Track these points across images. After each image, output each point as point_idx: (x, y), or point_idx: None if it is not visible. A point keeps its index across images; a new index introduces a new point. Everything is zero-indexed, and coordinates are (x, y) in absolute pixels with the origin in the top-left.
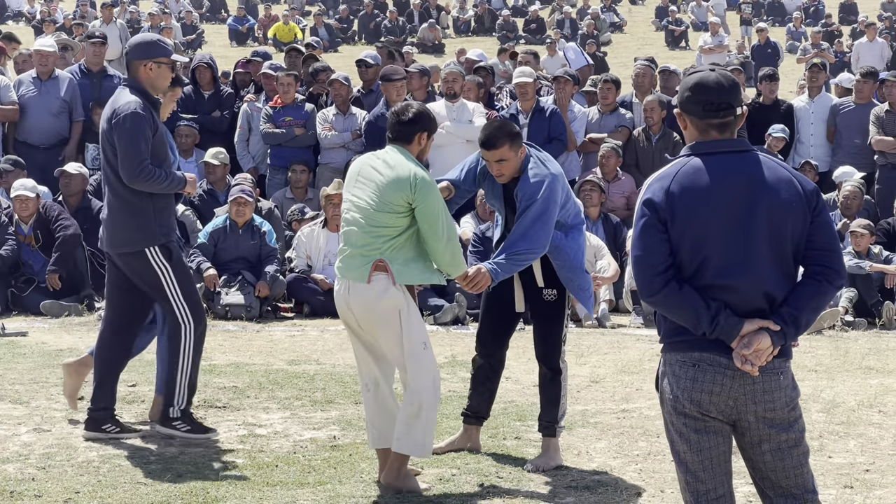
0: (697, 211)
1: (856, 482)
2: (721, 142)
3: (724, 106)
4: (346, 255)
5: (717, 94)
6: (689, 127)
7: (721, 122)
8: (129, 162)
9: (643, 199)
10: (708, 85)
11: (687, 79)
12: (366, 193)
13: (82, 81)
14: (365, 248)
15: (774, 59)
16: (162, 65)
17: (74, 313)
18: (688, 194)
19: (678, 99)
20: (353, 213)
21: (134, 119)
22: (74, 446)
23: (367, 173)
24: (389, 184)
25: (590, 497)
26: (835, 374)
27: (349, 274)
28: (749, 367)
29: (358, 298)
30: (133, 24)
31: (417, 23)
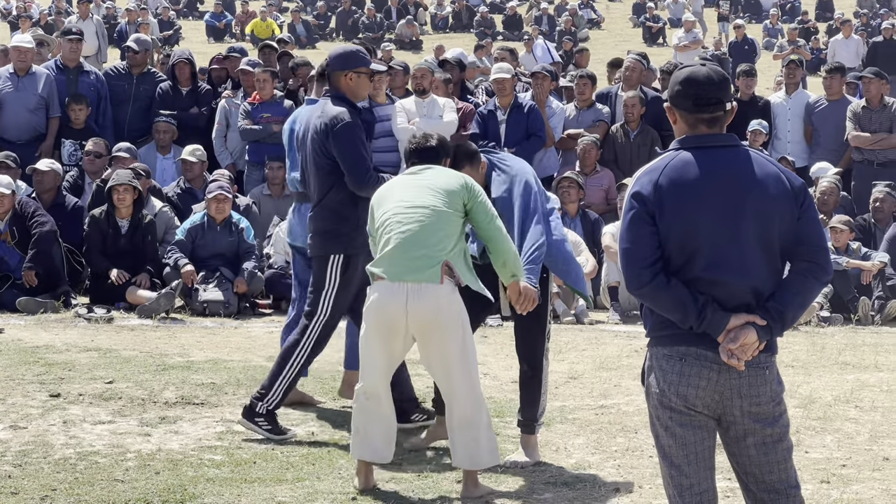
0: (686, 204)
1: (833, 477)
2: (710, 136)
3: (713, 101)
4: (404, 257)
5: (707, 89)
6: (679, 121)
7: (711, 117)
8: (357, 171)
9: (632, 192)
10: (698, 80)
11: (677, 73)
12: (425, 195)
13: (58, 77)
14: (433, 248)
15: (751, 55)
16: (362, 75)
17: (51, 310)
18: (676, 188)
19: (668, 93)
20: (414, 214)
21: (353, 129)
22: (51, 443)
23: (411, 182)
24: (447, 185)
25: (568, 493)
26: (811, 369)
27: (413, 276)
28: (735, 362)
29: (428, 302)
30: (109, 20)
31: (395, 19)
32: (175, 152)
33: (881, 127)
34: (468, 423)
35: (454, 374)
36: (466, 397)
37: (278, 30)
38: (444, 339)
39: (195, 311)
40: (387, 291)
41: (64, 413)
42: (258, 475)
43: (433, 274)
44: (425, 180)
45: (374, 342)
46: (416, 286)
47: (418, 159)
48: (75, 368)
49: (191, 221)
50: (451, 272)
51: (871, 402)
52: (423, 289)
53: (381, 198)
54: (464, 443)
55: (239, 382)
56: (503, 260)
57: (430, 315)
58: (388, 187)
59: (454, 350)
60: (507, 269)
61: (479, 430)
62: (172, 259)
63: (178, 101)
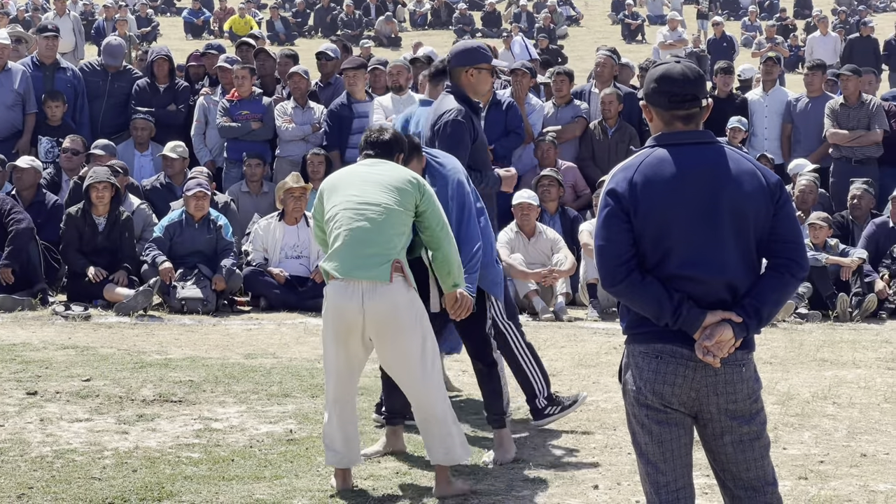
0: (661, 201)
1: (810, 473)
2: (686, 133)
3: (689, 98)
4: (355, 254)
5: (683, 86)
6: (655, 118)
7: (686, 114)
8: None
9: (607, 189)
10: (673, 77)
11: (652, 71)
12: (377, 192)
13: (35, 74)
14: (384, 245)
15: (730, 52)
16: (482, 70)
17: (28, 307)
18: (651, 185)
19: (643, 91)
20: (367, 211)
21: (455, 126)
22: (28, 441)
23: (364, 176)
24: (400, 183)
25: (547, 489)
26: (789, 366)
27: (366, 273)
28: (711, 359)
29: (384, 301)
30: (87, 17)
31: (374, 16)
32: (153, 149)
33: (859, 124)
34: (439, 421)
35: (416, 375)
36: (433, 396)
37: (256, 26)
38: (404, 338)
39: (173, 309)
40: (341, 291)
41: (41, 411)
42: (236, 473)
43: (384, 272)
44: (378, 176)
45: (332, 345)
46: (371, 285)
47: (372, 151)
48: (52, 366)
49: (169, 219)
50: (401, 270)
51: (849, 398)
52: (377, 288)
53: (332, 186)
54: (440, 438)
55: (217, 380)
56: (448, 269)
57: (388, 315)
58: (340, 176)
59: (415, 350)
60: (450, 279)
61: (448, 426)
62: (150, 256)
63: (156, 98)
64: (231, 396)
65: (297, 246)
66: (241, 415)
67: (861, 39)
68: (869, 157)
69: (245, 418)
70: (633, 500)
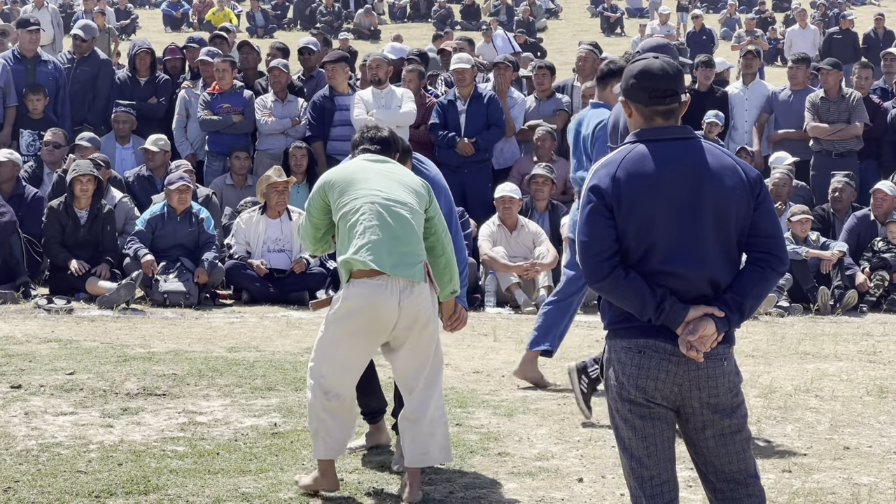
0: (643, 197)
1: (794, 466)
2: (666, 129)
3: (669, 93)
4: (396, 252)
5: (663, 82)
6: (634, 114)
7: (666, 109)
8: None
9: (589, 186)
10: (653, 72)
11: (631, 66)
12: (400, 190)
13: (16, 67)
14: (416, 245)
15: (709, 45)
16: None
17: (10, 301)
18: (634, 181)
19: (622, 86)
20: (396, 209)
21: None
22: (12, 435)
23: (382, 172)
24: (414, 185)
25: (531, 483)
26: (771, 359)
27: (406, 272)
28: (694, 354)
29: (418, 300)
30: (66, 9)
31: (353, 9)
32: (134, 142)
33: (839, 118)
34: (428, 419)
35: (426, 373)
36: (434, 397)
37: (235, 19)
38: (426, 337)
39: (156, 302)
40: (380, 289)
41: (25, 404)
42: (221, 466)
43: (419, 271)
44: (395, 174)
45: (351, 340)
46: (408, 283)
47: (372, 147)
48: (36, 359)
49: (151, 212)
50: (428, 271)
51: (831, 391)
52: (413, 287)
53: (344, 181)
54: (418, 437)
55: (200, 373)
56: (450, 275)
57: (420, 313)
58: (351, 171)
59: (431, 349)
60: (451, 285)
61: (435, 426)
62: (132, 249)
63: (137, 92)
64: (215, 390)
65: (279, 239)
66: (226, 408)
67: (840, 33)
68: (849, 151)
69: (229, 412)
70: (617, 493)
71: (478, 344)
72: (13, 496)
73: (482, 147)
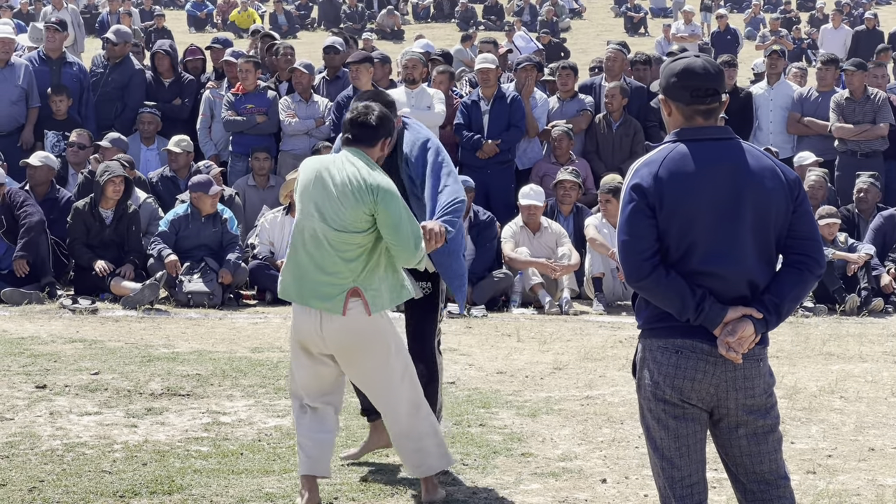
0: (685, 197)
1: (818, 468)
2: (706, 128)
3: (711, 92)
4: (310, 280)
5: (705, 80)
6: (675, 113)
7: (707, 109)
8: None
9: (631, 184)
10: (696, 71)
11: (672, 65)
12: (336, 210)
13: (41, 68)
14: (337, 274)
15: (734, 45)
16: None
17: (35, 301)
18: (676, 180)
19: (662, 84)
20: (323, 233)
21: None
22: (38, 435)
23: (328, 184)
24: (350, 199)
25: (555, 483)
26: (796, 360)
27: (320, 304)
28: (733, 355)
29: (340, 329)
30: (91, 10)
31: (377, 9)
32: (159, 143)
33: (864, 118)
34: (406, 436)
35: (380, 393)
36: (400, 412)
37: (259, 19)
38: (365, 360)
39: (179, 303)
40: (300, 312)
41: (50, 404)
42: (245, 466)
43: (337, 304)
44: (341, 186)
45: (297, 355)
46: (325, 315)
47: (352, 136)
48: (61, 360)
49: (174, 213)
50: (360, 295)
51: (856, 392)
52: (328, 318)
53: (303, 185)
54: (410, 453)
55: (224, 374)
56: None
57: (347, 341)
58: (309, 178)
59: (378, 369)
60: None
61: (420, 440)
62: (156, 250)
63: (161, 93)
64: (239, 390)
65: None
66: (249, 408)
67: (867, 32)
68: (874, 151)
69: (253, 412)
70: (640, 493)
71: (501, 344)
72: (38, 496)
73: (502, 148)
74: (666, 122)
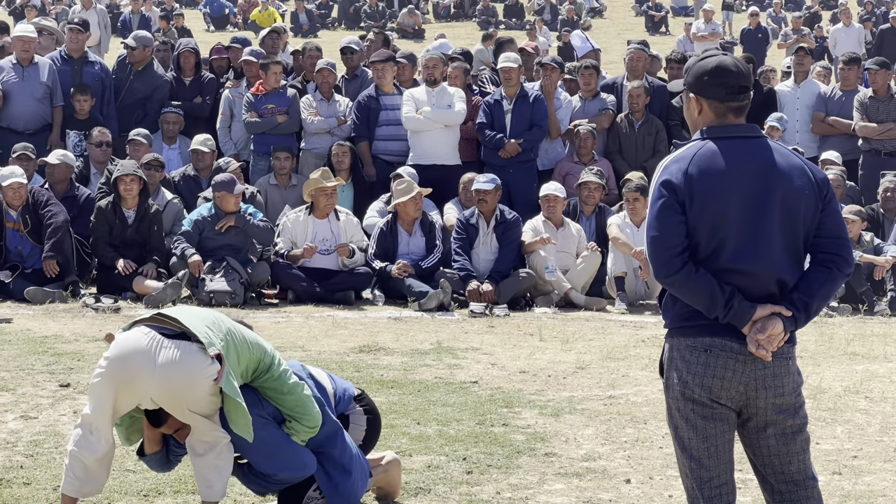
0: (716, 194)
1: (844, 468)
2: (736, 126)
3: (743, 89)
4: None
5: (738, 78)
6: (706, 110)
7: (739, 106)
8: None
9: (661, 181)
10: (728, 68)
11: (702, 63)
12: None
13: (63, 68)
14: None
15: (764, 44)
16: None
17: (59, 300)
18: (706, 177)
19: (693, 82)
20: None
21: None
22: (62, 433)
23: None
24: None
25: (579, 483)
26: (820, 359)
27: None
28: (763, 353)
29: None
30: (112, 10)
31: (397, 8)
32: (181, 142)
33: (889, 117)
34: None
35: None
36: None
37: (280, 18)
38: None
39: (202, 301)
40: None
41: (74, 403)
42: None
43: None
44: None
45: None
46: None
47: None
48: (84, 358)
49: (198, 213)
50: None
51: (881, 392)
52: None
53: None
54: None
55: None
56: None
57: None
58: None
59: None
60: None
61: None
62: (179, 249)
63: (182, 92)
64: None
65: (326, 240)
66: None
67: (891, 31)
68: None
69: None
70: (665, 494)
71: (524, 344)
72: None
73: (525, 147)
74: (692, 121)
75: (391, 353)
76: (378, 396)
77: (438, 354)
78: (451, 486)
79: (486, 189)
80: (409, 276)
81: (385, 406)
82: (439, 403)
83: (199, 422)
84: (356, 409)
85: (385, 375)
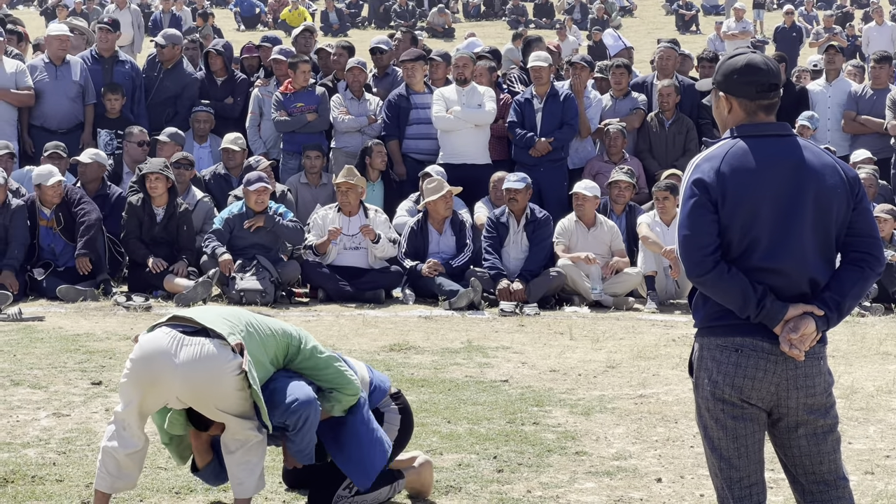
0: (748, 193)
1: (877, 468)
2: (767, 125)
3: (773, 87)
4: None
5: (768, 76)
6: (736, 108)
7: (770, 104)
8: None
9: (692, 179)
10: (759, 66)
11: (732, 61)
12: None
13: (94, 67)
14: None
15: (797, 42)
16: None
17: (90, 298)
18: (738, 175)
19: (722, 80)
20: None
21: None
22: (94, 431)
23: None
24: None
25: (609, 482)
26: (852, 359)
27: None
28: (796, 352)
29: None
30: (144, 9)
31: (427, 7)
32: (211, 141)
33: None
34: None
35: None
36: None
37: (310, 17)
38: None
39: (232, 300)
40: None
41: (106, 401)
42: None
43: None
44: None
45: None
46: None
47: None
48: (116, 356)
49: (229, 211)
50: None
51: None
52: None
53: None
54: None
55: None
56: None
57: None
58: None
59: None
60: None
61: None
62: (210, 248)
63: (214, 91)
64: None
65: (355, 237)
66: None
67: None
68: None
69: None
70: (696, 493)
71: (554, 342)
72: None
73: (556, 146)
74: (721, 119)
75: (422, 351)
76: (409, 395)
77: (469, 353)
78: (481, 484)
79: (517, 188)
80: (440, 275)
81: (416, 405)
82: (470, 402)
83: (231, 420)
84: (391, 408)
85: (416, 374)
